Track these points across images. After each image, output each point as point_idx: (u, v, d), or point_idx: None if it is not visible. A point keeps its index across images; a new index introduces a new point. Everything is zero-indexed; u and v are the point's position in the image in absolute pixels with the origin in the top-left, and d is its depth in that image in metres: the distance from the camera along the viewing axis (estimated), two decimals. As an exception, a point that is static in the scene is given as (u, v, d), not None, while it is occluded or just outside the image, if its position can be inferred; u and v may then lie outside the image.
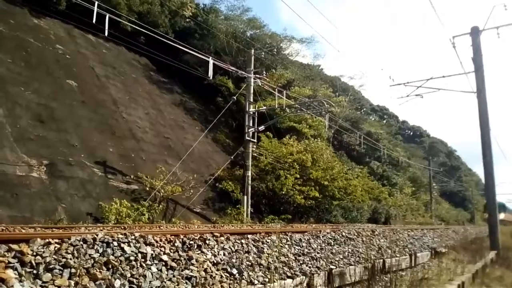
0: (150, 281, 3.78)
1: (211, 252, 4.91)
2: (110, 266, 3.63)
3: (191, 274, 4.18)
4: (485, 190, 13.90)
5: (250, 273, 4.88)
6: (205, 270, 4.42)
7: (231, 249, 5.33)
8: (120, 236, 4.21)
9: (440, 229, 18.19)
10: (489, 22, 13.81)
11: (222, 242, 5.37)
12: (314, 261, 6.32)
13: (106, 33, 14.08)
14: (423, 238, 13.49)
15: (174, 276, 4.03)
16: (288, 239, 6.82)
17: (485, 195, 14.01)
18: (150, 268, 3.94)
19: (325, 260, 6.55)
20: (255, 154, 19.06)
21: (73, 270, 3.32)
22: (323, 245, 7.39)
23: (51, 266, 3.27)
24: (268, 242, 6.17)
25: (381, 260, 7.46)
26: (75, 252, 3.60)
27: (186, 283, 4.08)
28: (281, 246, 6.22)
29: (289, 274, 5.37)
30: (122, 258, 3.82)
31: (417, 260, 9.42)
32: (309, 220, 19.61)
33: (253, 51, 20.07)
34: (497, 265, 10.30)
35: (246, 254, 5.40)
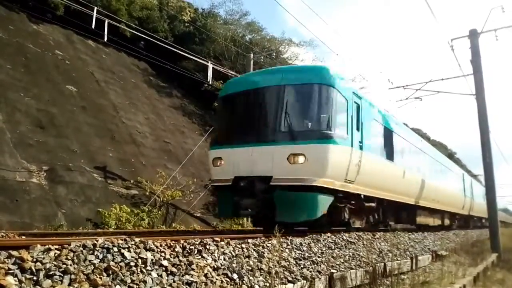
0: (150, 287, 3.76)
1: (212, 257, 4.90)
2: (110, 272, 3.62)
3: (191, 279, 4.16)
4: (486, 192, 13.90)
5: (251, 277, 4.86)
6: (205, 275, 4.41)
7: (231, 253, 5.31)
8: (120, 241, 4.20)
9: (440, 232, 18.14)
10: (487, 24, 13.83)
11: (222, 247, 5.35)
12: (315, 265, 6.30)
13: (106, 39, 14.14)
14: (424, 241, 13.45)
15: (174, 282, 4.02)
16: (289, 243, 6.81)
17: (486, 197, 14.00)
18: (150, 274, 3.92)
19: (326, 264, 6.54)
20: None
21: (73, 276, 3.31)
22: (324, 249, 7.37)
23: (51, 273, 3.26)
24: (268, 246, 6.16)
25: (382, 264, 7.44)
26: (75, 258, 3.58)
27: (187, 288, 4.06)
28: (281, 250, 6.21)
29: (290, 279, 5.35)
30: (122, 264, 3.81)
31: (418, 263, 9.39)
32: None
33: (252, 55, 20.11)
34: (498, 267, 10.28)
35: (247, 259, 5.39)
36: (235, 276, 4.71)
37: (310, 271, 5.89)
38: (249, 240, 6.11)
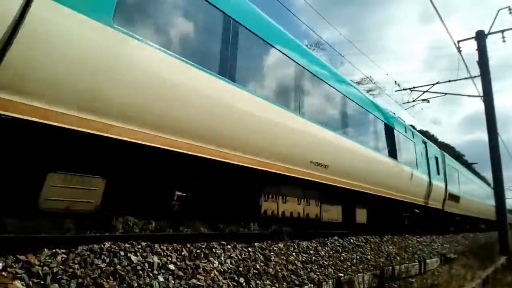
0: (157, 291, 3.77)
1: (218, 261, 4.89)
2: (117, 276, 3.62)
3: (198, 283, 4.16)
4: (494, 194, 13.77)
5: (258, 281, 4.84)
6: (212, 279, 4.40)
7: (238, 257, 5.30)
8: (126, 245, 4.21)
9: (449, 235, 18.01)
10: (495, 25, 13.78)
11: (229, 251, 5.35)
12: (322, 268, 6.27)
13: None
14: (432, 244, 13.35)
15: (181, 286, 4.01)
16: (296, 246, 6.78)
17: (494, 199, 13.85)
18: (157, 278, 3.92)
19: (333, 267, 6.50)
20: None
21: (80, 280, 3.32)
22: (331, 252, 7.33)
23: (58, 277, 3.27)
24: (275, 249, 6.14)
25: (390, 267, 7.39)
26: (82, 262, 3.60)
27: (193, 292, 4.05)
28: (288, 254, 6.18)
29: (297, 282, 5.33)
30: (129, 268, 3.82)
31: (426, 266, 9.31)
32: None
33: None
34: (508, 270, 10.17)
35: (253, 262, 5.37)
36: (241, 280, 4.70)
37: (317, 275, 5.87)
38: (256, 244, 6.10)
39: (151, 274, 3.93)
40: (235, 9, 6.42)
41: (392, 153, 12.59)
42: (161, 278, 3.95)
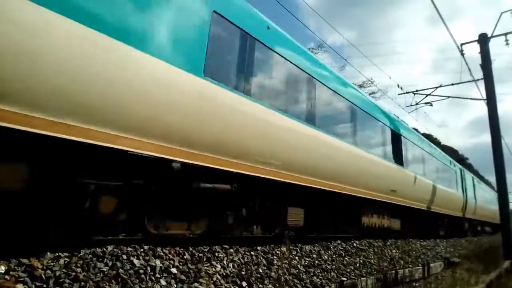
0: (159, 295, 3.76)
1: (221, 265, 4.88)
2: (119, 280, 3.62)
3: (200, 287, 4.15)
4: (498, 197, 13.71)
5: (260, 285, 4.83)
6: (214, 283, 4.39)
7: (240, 261, 5.29)
8: (129, 249, 4.21)
9: (453, 239, 17.92)
10: (498, 29, 13.77)
11: (231, 254, 5.34)
12: (325, 272, 6.25)
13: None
14: (436, 248, 13.29)
15: (183, 289, 4.01)
16: (298, 250, 6.76)
17: (498, 202, 13.79)
18: (159, 281, 3.92)
19: (336, 271, 6.48)
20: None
21: (82, 284, 3.32)
22: (334, 256, 7.31)
23: (61, 280, 3.27)
24: (278, 253, 6.12)
25: (393, 271, 7.35)
26: (84, 265, 3.60)
27: (196, 296, 4.05)
28: (291, 258, 6.17)
29: (299, 287, 5.31)
30: (131, 272, 3.82)
31: (430, 270, 9.27)
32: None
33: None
34: (512, 275, 10.09)
35: (256, 266, 5.36)
36: (244, 284, 4.68)
37: (320, 279, 5.85)
38: (258, 247, 6.09)
39: (153, 278, 3.93)
40: None
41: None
42: (163, 282, 3.94)
